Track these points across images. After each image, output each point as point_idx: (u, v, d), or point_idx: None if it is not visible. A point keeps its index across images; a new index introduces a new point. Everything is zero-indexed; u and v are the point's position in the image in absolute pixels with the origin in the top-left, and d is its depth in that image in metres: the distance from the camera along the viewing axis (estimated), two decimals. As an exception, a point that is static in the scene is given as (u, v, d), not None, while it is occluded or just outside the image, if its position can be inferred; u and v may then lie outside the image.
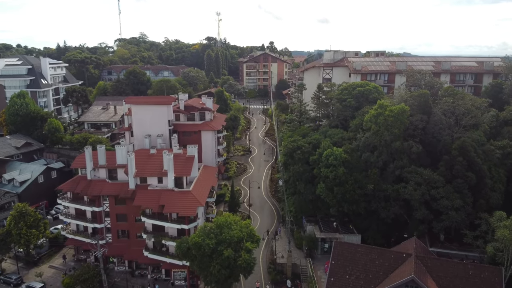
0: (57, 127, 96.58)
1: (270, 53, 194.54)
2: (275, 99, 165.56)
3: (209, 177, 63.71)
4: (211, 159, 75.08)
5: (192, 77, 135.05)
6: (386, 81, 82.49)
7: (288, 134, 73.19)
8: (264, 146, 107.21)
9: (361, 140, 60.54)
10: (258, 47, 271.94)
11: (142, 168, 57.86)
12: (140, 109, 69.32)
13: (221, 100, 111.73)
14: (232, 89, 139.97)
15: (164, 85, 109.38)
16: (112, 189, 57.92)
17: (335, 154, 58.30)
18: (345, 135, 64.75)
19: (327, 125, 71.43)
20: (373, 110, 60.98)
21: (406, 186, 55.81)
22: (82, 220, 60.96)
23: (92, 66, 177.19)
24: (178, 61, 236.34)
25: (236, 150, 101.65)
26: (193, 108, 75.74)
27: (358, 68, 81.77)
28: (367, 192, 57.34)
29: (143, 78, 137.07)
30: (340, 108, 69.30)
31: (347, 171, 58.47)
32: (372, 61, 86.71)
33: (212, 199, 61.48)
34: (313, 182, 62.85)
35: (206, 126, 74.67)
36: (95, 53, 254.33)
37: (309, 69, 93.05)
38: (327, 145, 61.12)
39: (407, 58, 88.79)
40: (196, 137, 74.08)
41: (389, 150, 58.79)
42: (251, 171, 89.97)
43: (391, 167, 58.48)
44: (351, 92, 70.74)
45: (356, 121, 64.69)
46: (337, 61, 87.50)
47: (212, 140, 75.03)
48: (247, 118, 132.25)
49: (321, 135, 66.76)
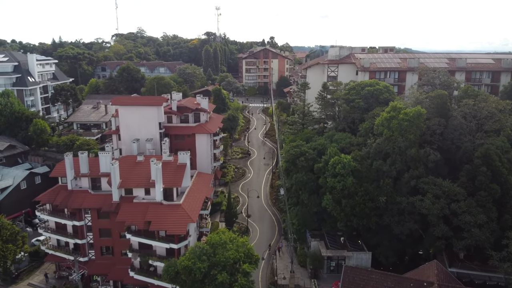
0: (43, 128, 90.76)
1: (270, 49, 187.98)
2: (276, 97, 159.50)
3: (203, 186, 57.93)
4: (206, 164, 69.35)
5: (189, 74, 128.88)
6: (397, 80, 76.47)
7: (290, 138, 67.31)
8: (264, 148, 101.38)
9: (372, 147, 54.69)
10: (259, 42, 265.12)
11: (128, 178, 52.09)
12: (128, 110, 63.46)
13: (219, 99, 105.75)
14: (230, 86, 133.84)
15: (157, 83, 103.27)
16: (94, 202, 52.22)
17: (343, 163, 52.49)
18: (353, 140, 58.89)
19: (333, 128, 65.55)
20: (385, 113, 55.10)
21: (423, 199, 50.03)
22: (63, 235, 55.34)
23: (86, 63, 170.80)
24: (176, 57, 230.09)
25: (234, 153, 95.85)
26: (187, 109, 69.89)
27: (366, 66, 75.73)
28: (379, 205, 51.56)
29: (137, 75, 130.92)
30: (348, 110, 63.38)
31: (357, 181, 52.71)
32: (381, 57, 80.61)
33: (206, 211, 55.80)
34: (318, 192, 57.15)
35: (201, 129, 68.85)
36: (90, 48, 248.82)
37: (313, 66, 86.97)
38: (333, 151, 55.27)
39: (419, 55, 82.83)
40: (190, 141, 68.34)
41: (403, 158, 52.96)
42: (250, 176, 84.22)
43: (405, 177, 52.67)
44: (360, 92, 64.79)
45: (365, 124, 58.79)
46: (343, 57, 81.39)
47: (208, 143, 69.25)
48: (246, 118, 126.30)
49: (326, 140, 60.92)
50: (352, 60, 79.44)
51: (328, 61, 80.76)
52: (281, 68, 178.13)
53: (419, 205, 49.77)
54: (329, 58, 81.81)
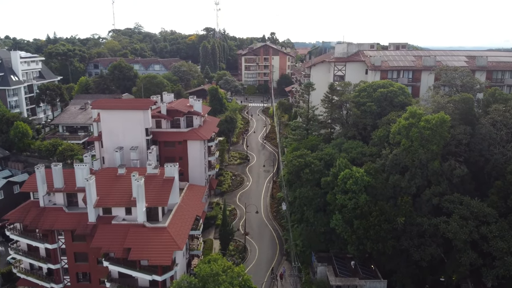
0: (24, 132, 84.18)
1: (271, 45, 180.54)
2: (277, 96, 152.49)
3: (195, 202, 51.30)
4: (199, 174, 62.70)
5: (184, 71, 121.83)
6: (411, 80, 69.57)
7: (293, 146, 60.51)
8: (264, 153, 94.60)
9: (388, 158, 47.93)
10: (259, 38, 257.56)
11: (106, 195, 45.46)
12: (110, 115, 56.70)
13: (215, 99, 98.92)
14: (228, 85, 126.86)
15: (149, 81, 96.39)
16: (67, 222, 45.69)
17: (355, 177, 45.78)
18: (365, 150, 52.12)
19: (341, 134, 58.71)
20: (402, 119, 48.26)
21: (448, 220, 43.36)
22: (35, 258, 48.83)
23: (77, 60, 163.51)
24: (173, 54, 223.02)
25: (231, 158, 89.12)
26: (178, 112, 63.12)
27: (377, 64, 68.79)
28: (396, 226, 44.86)
29: (129, 73, 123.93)
30: (358, 114, 56.55)
31: (371, 198, 46.09)
32: (393, 55, 73.60)
33: (198, 231, 49.11)
34: (325, 209, 50.49)
35: (194, 135, 62.11)
36: (85, 44, 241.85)
37: (318, 65, 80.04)
38: (343, 163, 48.52)
39: (434, 52, 75.88)
40: (181, 148, 61.62)
41: (424, 172, 46.25)
42: (249, 185, 77.52)
43: (426, 194, 46.01)
44: (372, 94, 57.96)
45: (379, 132, 52.00)
46: (351, 55, 74.43)
47: (201, 151, 62.51)
48: (245, 118, 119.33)
49: (334, 149, 54.15)
50: (361, 57, 72.48)
51: (334, 59, 73.82)
52: (282, 65, 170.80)
53: (443, 228, 43.15)
54: (336, 55, 74.83)
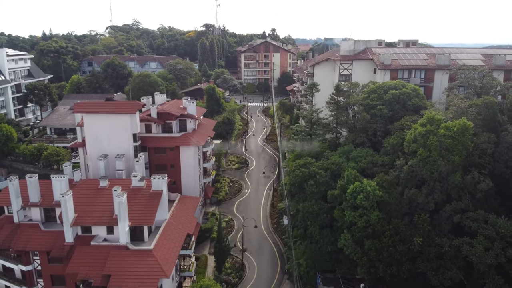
0: (9, 135, 79.35)
1: (271, 42, 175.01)
2: (277, 95, 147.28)
3: (186, 217, 46.36)
4: (193, 183, 57.79)
5: (180, 70, 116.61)
6: (423, 80, 64.45)
7: (296, 152, 55.47)
8: (264, 156, 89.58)
9: (403, 170, 42.89)
10: (259, 34, 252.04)
11: (86, 211, 40.56)
12: (94, 119, 51.74)
13: (212, 99, 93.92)
14: (227, 84, 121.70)
15: (142, 80, 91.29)
16: (42, 242, 40.92)
17: (366, 191, 40.80)
18: (377, 159, 47.08)
19: (349, 140, 53.65)
20: (418, 125, 43.23)
21: (471, 242, 38.41)
22: (10, 280, 44.10)
23: (71, 57, 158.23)
24: (171, 50, 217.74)
25: (229, 162, 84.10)
26: (170, 115, 58.13)
27: (387, 63, 63.63)
28: (412, 247, 39.93)
29: (123, 71, 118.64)
30: (368, 119, 51.50)
31: (384, 215, 41.15)
32: (403, 53, 68.42)
33: (189, 251, 44.17)
34: (331, 225, 45.53)
35: (187, 140, 57.15)
36: (81, 41, 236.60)
37: (321, 63, 74.90)
38: (352, 175, 43.54)
39: (448, 50, 70.68)
40: (173, 155, 56.66)
41: (444, 185, 41.22)
42: (248, 192, 72.52)
43: (446, 211, 41.09)
44: (382, 97, 52.90)
45: (392, 139, 46.94)
46: (358, 52, 69.24)
47: (195, 157, 57.55)
48: (244, 119, 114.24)
49: (342, 157, 49.15)
50: (369, 55, 67.31)
51: (340, 57, 68.64)
52: (283, 63, 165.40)
53: (467, 251, 38.19)
54: (342, 53, 69.65)
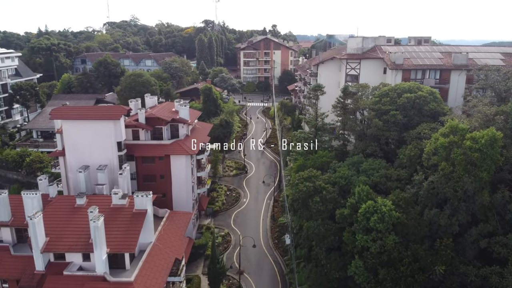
0: (-10, 138, 74.47)
1: (272, 38, 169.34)
2: (278, 94, 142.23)
3: (175, 238, 41.33)
4: (185, 195, 52.78)
5: (176, 68, 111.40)
6: (438, 81, 59.19)
7: (299, 162, 50.31)
8: (263, 162, 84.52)
9: (422, 187, 37.76)
10: (259, 31, 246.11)
11: (59, 234, 35.59)
12: (74, 126, 46.66)
13: (209, 100, 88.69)
14: (225, 83, 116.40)
15: (134, 80, 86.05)
16: (10, 269, 36.08)
17: (380, 211, 35.73)
18: (391, 172, 41.95)
19: (358, 149, 48.42)
20: (438, 134, 38.08)
21: (501, 271, 33.47)
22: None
23: (64, 55, 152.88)
24: (168, 47, 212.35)
25: (227, 168, 79.01)
26: (159, 120, 52.99)
27: (398, 62, 58.37)
28: (434, 277, 34.91)
29: (116, 70, 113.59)
30: (380, 126, 46.32)
31: (400, 239, 36.05)
32: (416, 51, 63.12)
33: (179, 277, 39.12)
34: (340, 247, 40.48)
35: (178, 148, 52.04)
36: (77, 37, 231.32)
37: (326, 62, 69.62)
38: (364, 192, 38.44)
39: (464, 48, 65.37)
40: (163, 164, 51.60)
41: (470, 205, 36.10)
42: (246, 202, 67.45)
43: (472, 234, 36.08)
44: (395, 100, 47.73)
45: (409, 150, 41.77)
46: (367, 51, 63.98)
47: (187, 167, 52.45)
48: (243, 121, 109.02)
49: (351, 169, 44.04)
50: (378, 54, 62.02)
51: (347, 56, 63.38)
52: (285, 60, 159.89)
53: (496, 282, 33.25)
54: (349, 51, 64.39)
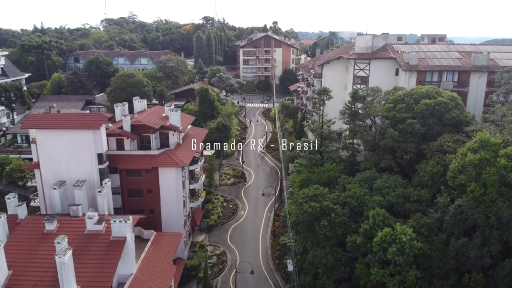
0: (-31, 143, 69.41)
1: (273, 36, 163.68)
2: (279, 94, 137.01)
3: (161, 267, 36.23)
4: (175, 212, 47.67)
5: (171, 67, 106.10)
6: (456, 84, 53.90)
7: (302, 176, 45.07)
8: (263, 168, 79.35)
9: (448, 211, 32.57)
10: (260, 28, 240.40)
11: (24, 266, 30.47)
12: (49, 136, 41.52)
13: (205, 102, 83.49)
14: (223, 84, 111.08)
15: (125, 81, 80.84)
16: (-36, 308, 30.59)
17: (400, 241, 30.55)
18: (410, 191, 36.75)
19: (370, 162, 43.12)
20: (466, 149, 32.88)
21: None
22: None
23: (56, 53, 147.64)
24: (166, 45, 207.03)
25: (224, 176, 73.83)
26: (146, 128, 47.77)
27: (413, 63, 53.10)
28: (463, 318, 29.86)
29: (108, 69, 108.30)
30: (395, 136, 41.03)
31: (423, 274, 30.84)
32: (432, 51, 57.82)
33: (164, 314, 33.99)
34: (351, 279, 35.32)
35: (168, 159, 46.86)
36: (72, 34, 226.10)
37: (332, 62, 64.30)
38: (380, 216, 33.24)
39: (484, 47, 60.01)
40: (150, 178, 46.49)
41: (504, 234, 30.93)
42: (244, 215, 62.31)
43: (506, 267, 30.92)
44: (412, 107, 42.51)
45: (430, 166, 36.56)
46: (377, 50, 58.66)
47: (178, 180, 47.34)
48: (242, 123, 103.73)
49: (363, 186, 38.84)
50: (390, 53, 56.69)
51: (355, 55, 58.09)
52: (286, 58, 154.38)
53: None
54: (357, 50, 59.08)
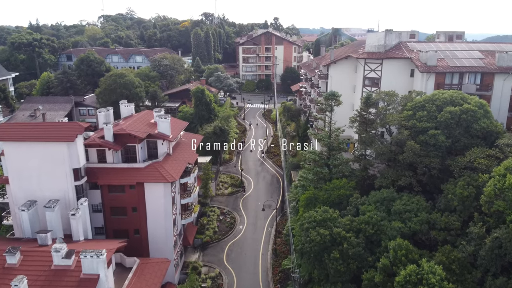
0: None
1: (274, 32, 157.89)
2: (281, 94, 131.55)
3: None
4: (163, 233, 42.62)
5: (166, 66, 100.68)
6: (478, 87, 48.45)
7: (308, 194, 39.71)
8: (264, 175, 74.12)
9: (484, 244, 27.31)
10: (260, 24, 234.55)
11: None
12: (17, 149, 36.30)
13: (201, 104, 78.15)
14: (221, 84, 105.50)
15: (115, 81, 75.50)
16: None
17: (427, 282, 25.27)
18: (436, 217, 31.51)
19: (387, 179, 37.67)
20: (503, 169, 27.59)
21: None
22: None
23: (48, 50, 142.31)
24: (163, 42, 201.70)
25: (221, 185, 68.57)
26: (131, 137, 42.50)
27: (431, 63, 47.71)
28: None
29: (99, 68, 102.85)
30: (417, 150, 35.64)
31: (456, 322, 25.59)
32: (451, 50, 52.37)
33: None
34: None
35: (155, 174, 41.67)
36: (69, 31, 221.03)
37: (339, 62, 58.83)
38: (403, 249, 27.94)
39: (508, 46, 54.40)
40: (135, 195, 41.31)
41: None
42: (243, 230, 57.08)
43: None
44: (435, 115, 37.14)
45: (460, 187, 31.26)
46: (390, 48, 53.16)
47: (166, 197, 42.14)
48: (241, 125, 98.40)
49: (380, 209, 33.54)
50: (405, 53, 51.23)
51: (366, 54, 52.68)
52: (287, 56, 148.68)
53: None
54: (368, 49, 53.68)
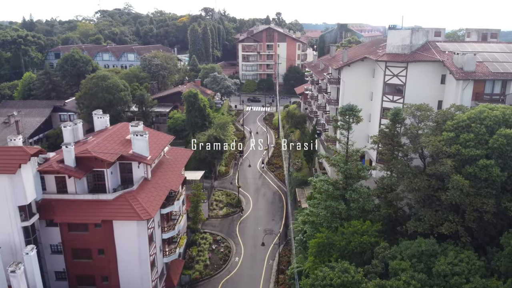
0: None
1: (276, 28, 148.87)
2: (283, 95, 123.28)
3: None
4: (138, 278, 34.51)
5: (157, 66, 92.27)
6: (525, 97, 40.08)
7: (319, 239, 31.31)
8: (264, 192, 65.81)
9: None
10: (262, 19, 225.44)
11: None
12: None
13: (194, 110, 69.82)
14: (217, 85, 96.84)
15: (97, 85, 67.25)
16: None
17: None
18: (494, 286, 23.00)
19: (425, 224, 29.27)
20: None
21: None
22: None
23: (36, 48, 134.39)
24: (160, 38, 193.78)
25: (215, 204, 60.32)
26: (97, 162, 34.30)
27: (468, 68, 39.27)
28: None
29: (85, 68, 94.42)
30: (465, 188, 27.20)
31: None
32: (490, 52, 43.79)
33: None
34: None
35: (125, 209, 33.56)
36: (62, 26, 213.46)
37: (354, 64, 50.28)
38: None
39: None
40: (102, 234, 33.27)
41: None
42: (239, 263, 48.78)
43: None
44: (484, 139, 28.67)
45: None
46: (417, 49, 44.63)
47: (142, 235, 34.09)
48: (240, 132, 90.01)
49: (415, 266, 25.19)
50: (435, 55, 42.71)
51: (387, 56, 44.25)
52: (291, 54, 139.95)
53: None
54: (389, 49, 45.22)
